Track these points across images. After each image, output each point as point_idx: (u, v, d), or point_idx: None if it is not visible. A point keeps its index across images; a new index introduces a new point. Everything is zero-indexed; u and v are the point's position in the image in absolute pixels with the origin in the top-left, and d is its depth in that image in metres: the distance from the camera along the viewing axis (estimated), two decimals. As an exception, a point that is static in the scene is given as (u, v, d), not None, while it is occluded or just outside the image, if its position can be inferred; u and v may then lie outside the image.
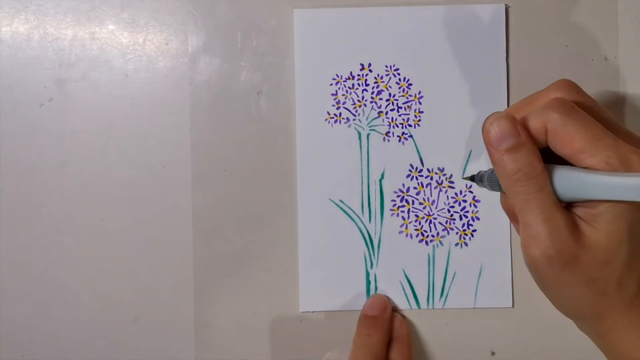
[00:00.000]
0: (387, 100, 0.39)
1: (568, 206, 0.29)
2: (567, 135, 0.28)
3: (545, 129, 0.28)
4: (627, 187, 0.26)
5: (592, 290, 0.28)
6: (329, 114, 0.39)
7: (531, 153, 0.28)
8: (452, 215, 0.39)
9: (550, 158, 0.29)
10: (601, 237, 0.27)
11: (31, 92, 0.39)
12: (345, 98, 0.39)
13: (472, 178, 0.35)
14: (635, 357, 0.28)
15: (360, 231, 0.39)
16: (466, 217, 0.39)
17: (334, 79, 0.39)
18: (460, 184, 0.39)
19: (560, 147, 0.28)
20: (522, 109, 0.31)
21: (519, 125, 0.29)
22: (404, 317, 0.39)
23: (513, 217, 0.31)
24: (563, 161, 0.28)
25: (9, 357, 0.39)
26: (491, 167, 0.31)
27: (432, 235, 0.39)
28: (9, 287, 0.39)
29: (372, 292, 0.39)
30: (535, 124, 0.29)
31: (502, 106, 0.39)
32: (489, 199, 0.39)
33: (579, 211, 0.28)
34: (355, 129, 0.39)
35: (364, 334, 0.37)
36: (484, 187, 0.33)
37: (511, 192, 0.29)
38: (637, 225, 0.28)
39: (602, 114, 0.30)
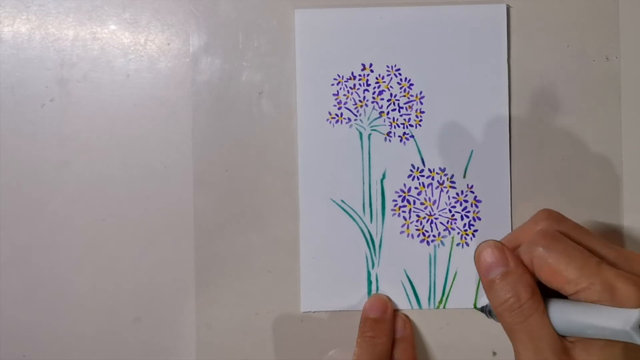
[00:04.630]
0: (389, 100, 0.39)
1: None
2: (551, 269, 0.28)
3: (533, 265, 0.29)
4: (612, 321, 0.26)
5: None
6: (330, 114, 0.39)
7: (518, 282, 0.28)
8: (453, 215, 0.39)
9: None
10: None
11: (33, 92, 0.39)
12: (347, 98, 0.39)
13: (482, 309, 0.36)
14: None
15: (362, 231, 0.39)
16: (467, 217, 0.39)
17: (335, 79, 0.39)
18: (462, 184, 0.39)
19: (548, 280, 0.28)
20: (510, 242, 0.31)
21: (509, 253, 0.29)
22: (407, 317, 0.39)
23: None
24: None
25: (9, 357, 0.39)
26: None
27: (434, 235, 0.39)
28: (9, 287, 0.39)
29: (373, 292, 0.39)
30: (525, 260, 0.29)
31: (503, 106, 0.39)
32: (490, 199, 0.39)
33: (571, 337, 0.28)
34: (357, 129, 0.39)
35: (367, 336, 0.37)
36: (493, 319, 0.33)
37: (500, 320, 0.29)
38: (631, 348, 0.27)
39: (586, 238, 0.30)
